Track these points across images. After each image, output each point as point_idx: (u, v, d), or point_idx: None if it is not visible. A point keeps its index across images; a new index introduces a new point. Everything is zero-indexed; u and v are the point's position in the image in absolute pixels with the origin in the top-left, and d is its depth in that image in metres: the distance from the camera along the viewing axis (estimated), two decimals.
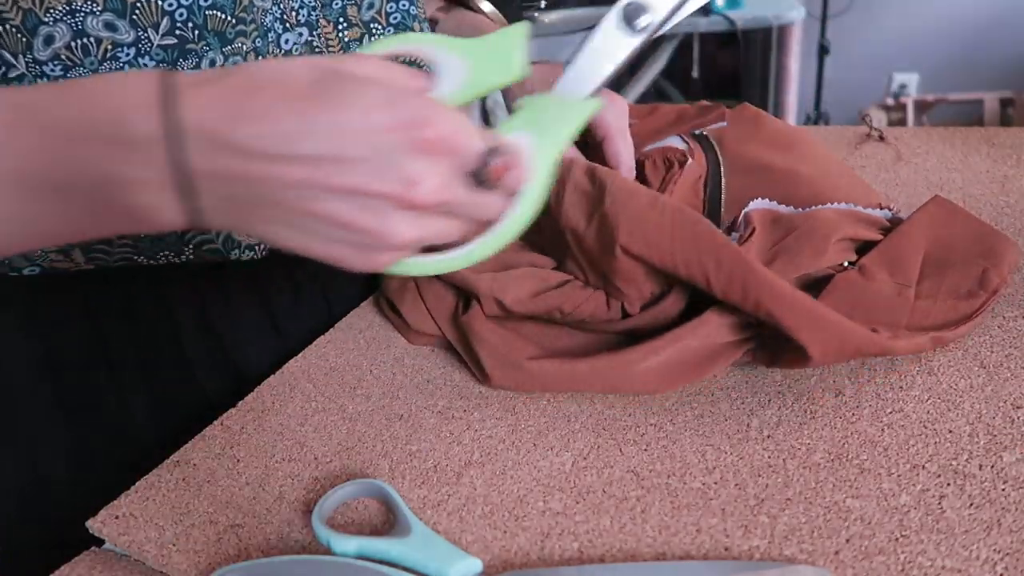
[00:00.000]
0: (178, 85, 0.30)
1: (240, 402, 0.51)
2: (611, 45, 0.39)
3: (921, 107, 2.76)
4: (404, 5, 0.59)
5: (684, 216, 0.44)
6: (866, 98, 2.93)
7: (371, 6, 0.58)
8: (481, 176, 0.34)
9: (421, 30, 0.62)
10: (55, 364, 0.53)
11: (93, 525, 0.41)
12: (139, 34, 0.44)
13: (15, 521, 0.54)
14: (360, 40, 0.58)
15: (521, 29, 0.37)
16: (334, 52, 0.57)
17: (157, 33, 0.44)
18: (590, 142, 0.62)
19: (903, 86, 2.88)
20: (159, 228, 0.32)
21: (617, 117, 0.60)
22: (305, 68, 0.32)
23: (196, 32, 0.45)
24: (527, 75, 0.37)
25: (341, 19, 0.57)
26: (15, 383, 0.53)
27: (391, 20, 0.59)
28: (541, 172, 0.37)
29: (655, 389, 0.46)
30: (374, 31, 0.58)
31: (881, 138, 0.84)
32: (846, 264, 0.53)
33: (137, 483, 0.44)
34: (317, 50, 0.55)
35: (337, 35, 0.57)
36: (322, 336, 0.58)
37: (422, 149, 0.32)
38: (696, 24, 2.16)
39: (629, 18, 0.38)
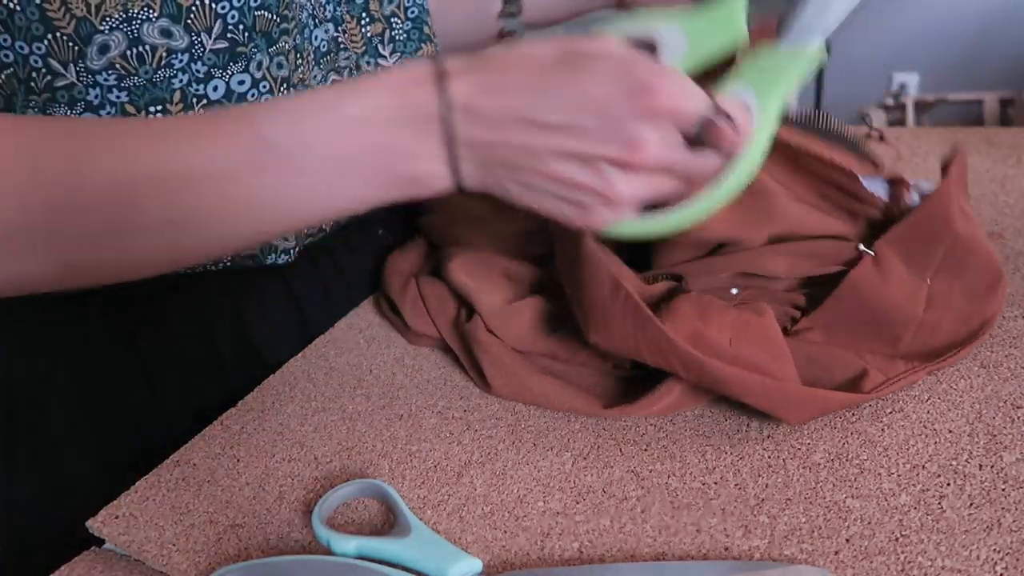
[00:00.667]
0: (447, 71, 0.36)
1: (240, 402, 0.51)
2: None
3: (921, 107, 2.76)
4: (420, 0, 0.60)
5: (641, 318, 0.43)
6: (866, 98, 2.92)
7: (391, 1, 0.58)
8: (702, 138, 0.36)
9: (430, 29, 0.62)
10: (86, 372, 0.53)
11: (93, 525, 0.41)
12: (193, 39, 0.44)
13: (15, 521, 0.54)
14: (382, 35, 0.59)
15: None
16: (357, 48, 0.57)
17: (210, 37, 0.44)
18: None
19: (903, 86, 2.88)
20: (431, 192, 0.38)
21: None
22: (549, 48, 0.36)
23: (246, 34, 0.45)
24: (745, 38, 0.39)
25: (364, 14, 0.57)
26: (41, 391, 0.53)
27: (409, 14, 0.60)
28: (762, 129, 0.39)
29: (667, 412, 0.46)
30: (394, 25, 0.59)
31: (881, 138, 0.84)
32: (861, 248, 0.48)
33: (137, 483, 0.44)
34: (342, 46, 0.56)
35: (360, 30, 0.57)
36: (322, 336, 0.58)
37: (647, 115, 0.35)
38: None
39: None
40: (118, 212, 0.36)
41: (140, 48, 0.42)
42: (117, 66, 0.43)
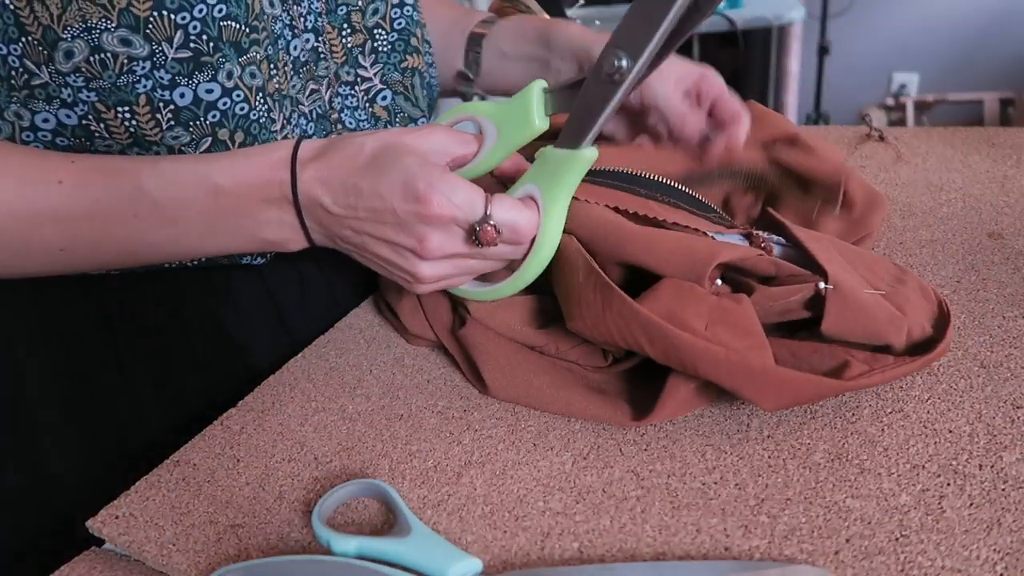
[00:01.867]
0: (300, 165, 0.44)
1: (240, 402, 0.51)
2: (597, 97, 0.41)
3: (921, 107, 2.76)
4: (408, 11, 0.60)
5: (610, 295, 0.44)
6: (866, 98, 2.93)
7: (375, 12, 0.58)
8: (476, 239, 0.43)
9: (422, 36, 0.62)
10: (64, 366, 0.53)
11: (93, 525, 0.41)
12: (153, 47, 0.45)
13: (15, 521, 0.54)
14: (363, 46, 0.59)
15: (536, 86, 0.45)
16: (337, 58, 0.58)
17: (171, 47, 0.45)
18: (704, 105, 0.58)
19: (903, 86, 2.88)
20: (291, 250, 0.47)
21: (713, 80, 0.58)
22: (369, 146, 0.44)
23: (211, 44, 0.46)
24: (544, 128, 0.45)
25: (345, 25, 0.57)
26: (22, 385, 0.53)
27: (395, 26, 0.60)
28: (553, 219, 0.45)
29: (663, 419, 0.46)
30: (378, 36, 0.59)
31: (881, 138, 0.84)
32: (822, 286, 0.45)
33: (137, 483, 0.44)
34: (322, 55, 0.56)
35: (341, 41, 0.58)
36: (322, 336, 0.58)
37: (426, 220, 0.42)
38: None
39: (607, 71, 0.40)
40: (16, 236, 0.43)
41: (102, 55, 0.44)
42: (83, 70, 0.44)
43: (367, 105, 0.61)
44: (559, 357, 0.50)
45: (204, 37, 0.46)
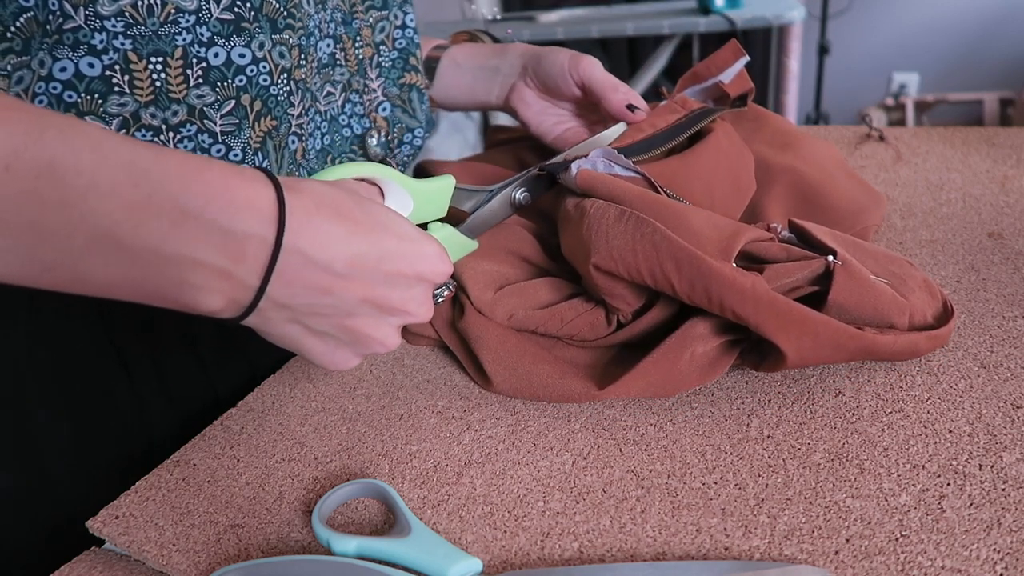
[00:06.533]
0: (288, 206, 0.35)
1: (240, 402, 0.51)
2: (499, 213, 0.55)
3: (921, 107, 2.76)
4: (409, 33, 0.65)
5: (643, 224, 0.45)
6: (866, 98, 2.93)
7: (382, 30, 0.63)
8: (435, 298, 0.46)
9: (417, 60, 0.67)
10: (62, 364, 0.53)
11: (93, 525, 0.41)
12: (201, 3, 0.45)
13: (15, 521, 0.54)
14: (371, 59, 0.63)
15: (451, 182, 0.51)
16: (351, 66, 0.61)
17: (218, 6, 0.46)
18: (592, 99, 0.64)
19: (903, 86, 2.89)
20: (192, 308, 0.36)
21: (597, 69, 0.65)
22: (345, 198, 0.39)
23: (252, 13, 0.48)
24: (444, 214, 0.51)
25: (358, 37, 0.61)
26: (21, 383, 0.53)
27: (396, 45, 0.65)
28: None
29: (656, 396, 0.46)
30: (382, 52, 0.64)
31: (881, 138, 0.84)
32: (830, 259, 0.45)
33: (137, 483, 0.44)
34: (339, 62, 0.59)
35: (354, 51, 0.61)
36: None
37: (430, 281, 0.41)
38: (696, 24, 2.16)
39: (515, 200, 0.55)
40: None
41: (151, 0, 0.44)
42: (126, 14, 0.44)
43: (371, 114, 0.64)
44: (562, 334, 0.51)
45: (248, 5, 0.47)
